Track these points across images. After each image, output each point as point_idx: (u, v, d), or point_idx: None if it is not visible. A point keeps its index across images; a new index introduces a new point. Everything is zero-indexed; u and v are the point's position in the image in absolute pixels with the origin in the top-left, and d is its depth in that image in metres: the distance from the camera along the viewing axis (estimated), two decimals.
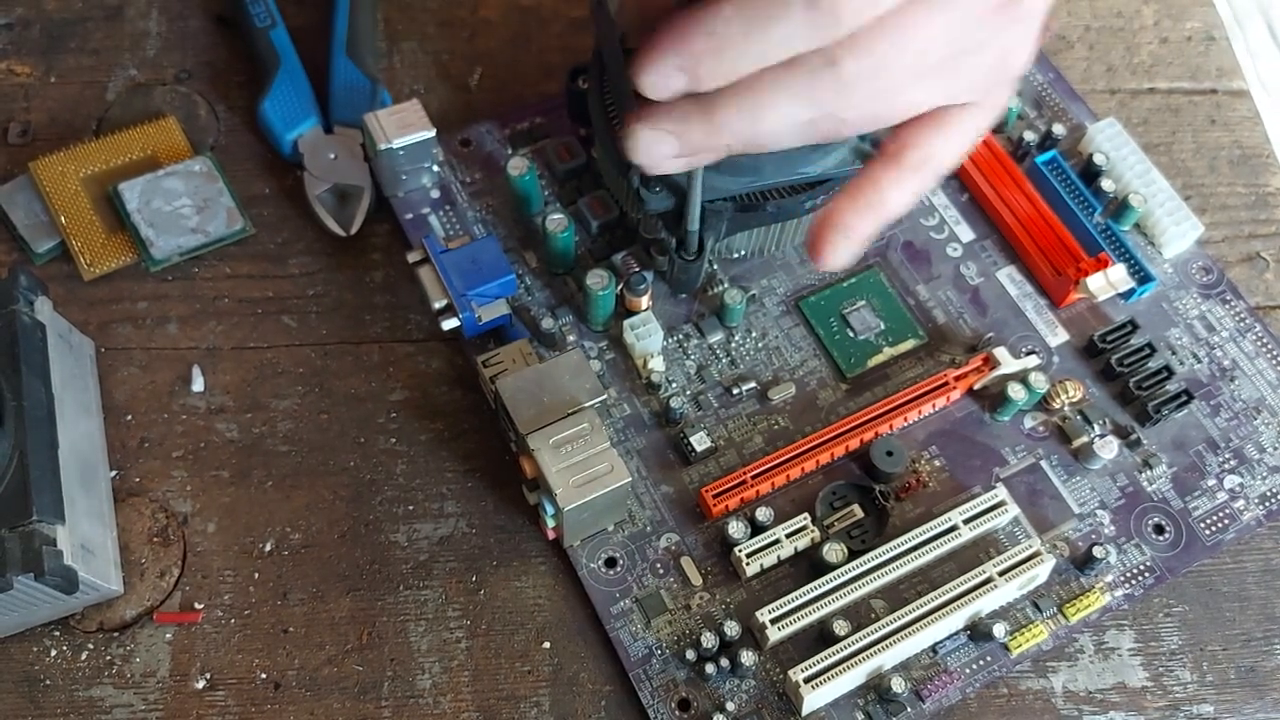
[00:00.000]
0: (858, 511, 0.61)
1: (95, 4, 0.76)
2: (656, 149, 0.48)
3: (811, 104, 0.46)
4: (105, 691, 0.57)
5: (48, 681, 0.58)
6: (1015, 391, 0.62)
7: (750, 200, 0.61)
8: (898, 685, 0.56)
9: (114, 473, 0.62)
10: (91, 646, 0.58)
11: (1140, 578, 0.60)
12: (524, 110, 0.72)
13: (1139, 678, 0.59)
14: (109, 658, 0.58)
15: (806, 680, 0.55)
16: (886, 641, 0.56)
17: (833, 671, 0.55)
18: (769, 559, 0.59)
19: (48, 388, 0.58)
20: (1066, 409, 0.64)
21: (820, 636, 0.58)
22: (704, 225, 0.61)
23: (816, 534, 0.59)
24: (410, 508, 0.62)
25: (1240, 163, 0.73)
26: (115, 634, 0.59)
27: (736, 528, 0.59)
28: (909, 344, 0.66)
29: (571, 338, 0.65)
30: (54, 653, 0.58)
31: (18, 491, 0.54)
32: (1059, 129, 0.70)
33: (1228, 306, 0.67)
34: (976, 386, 0.64)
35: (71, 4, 0.76)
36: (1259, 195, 0.72)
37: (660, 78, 0.46)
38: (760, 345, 0.65)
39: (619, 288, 0.64)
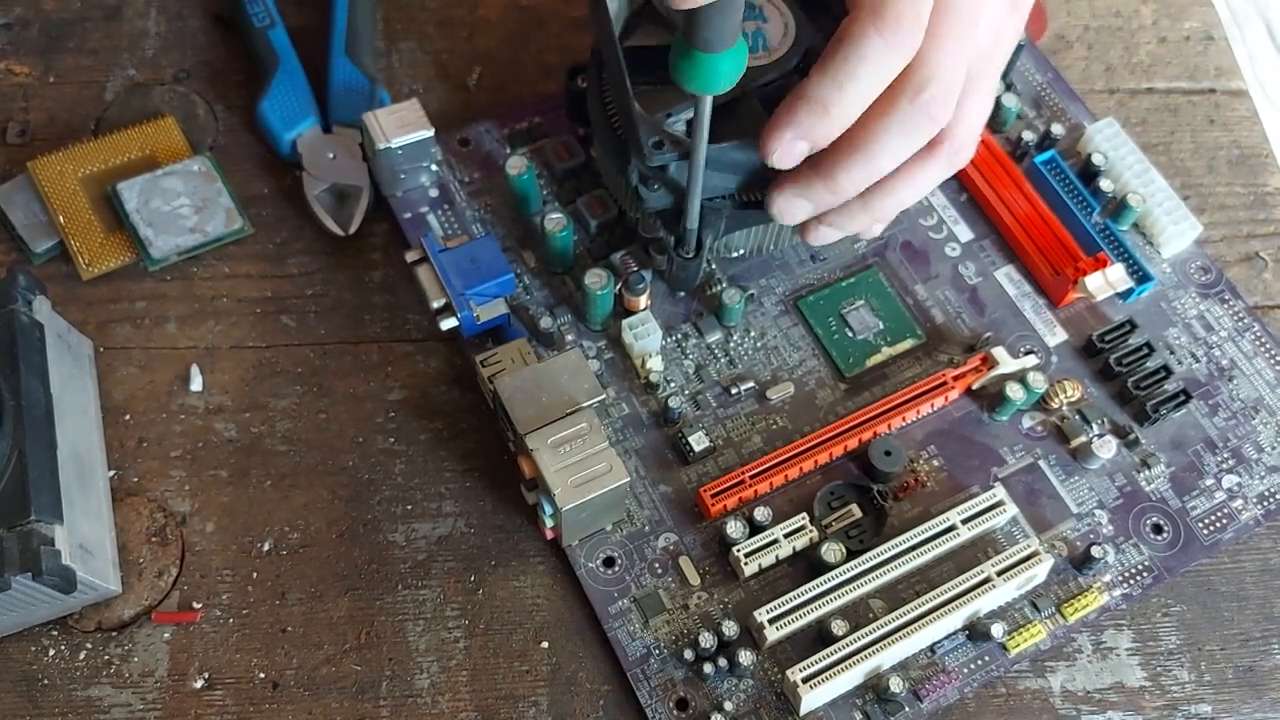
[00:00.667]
0: (856, 511, 0.61)
1: (94, 4, 0.76)
2: (794, 211, 0.60)
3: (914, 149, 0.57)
4: (103, 691, 0.57)
5: (46, 681, 0.58)
6: (1013, 391, 0.62)
7: (749, 198, 0.61)
8: (896, 685, 0.56)
9: (112, 472, 0.62)
10: (90, 646, 0.58)
11: (1138, 577, 0.60)
12: (523, 110, 0.72)
13: (1137, 677, 0.59)
14: (107, 657, 0.58)
15: (805, 680, 0.55)
16: (885, 641, 0.56)
17: (831, 671, 0.55)
18: (767, 559, 0.59)
19: (46, 387, 0.58)
20: (1065, 409, 0.64)
21: (818, 636, 0.58)
22: (703, 223, 0.61)
23: (815, 534, 0.59)
24: (409, 507, 0.62)
25: (1239, 163, 0.73)
26: (113, 633, 0.59)
27: (735, 527, 0.59)
28: (907, 343, 0.66)
29: (570, 337, 0.65)
30: (52, 652, 0.58)
31: (16, 491, 0.54)
32: (1057, 129, 0.70)
33: (1226, 306, 0.67)
34: (975, 386, 0.64)
35: (70, 4, 0.76)
36: (1258, 195, 0.72)
37: (786, 148, 0.56)
38: (759, 345, 0.65)
39: (617, 287, 0.64)
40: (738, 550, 0.59)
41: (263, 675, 0.58)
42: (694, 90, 0.52)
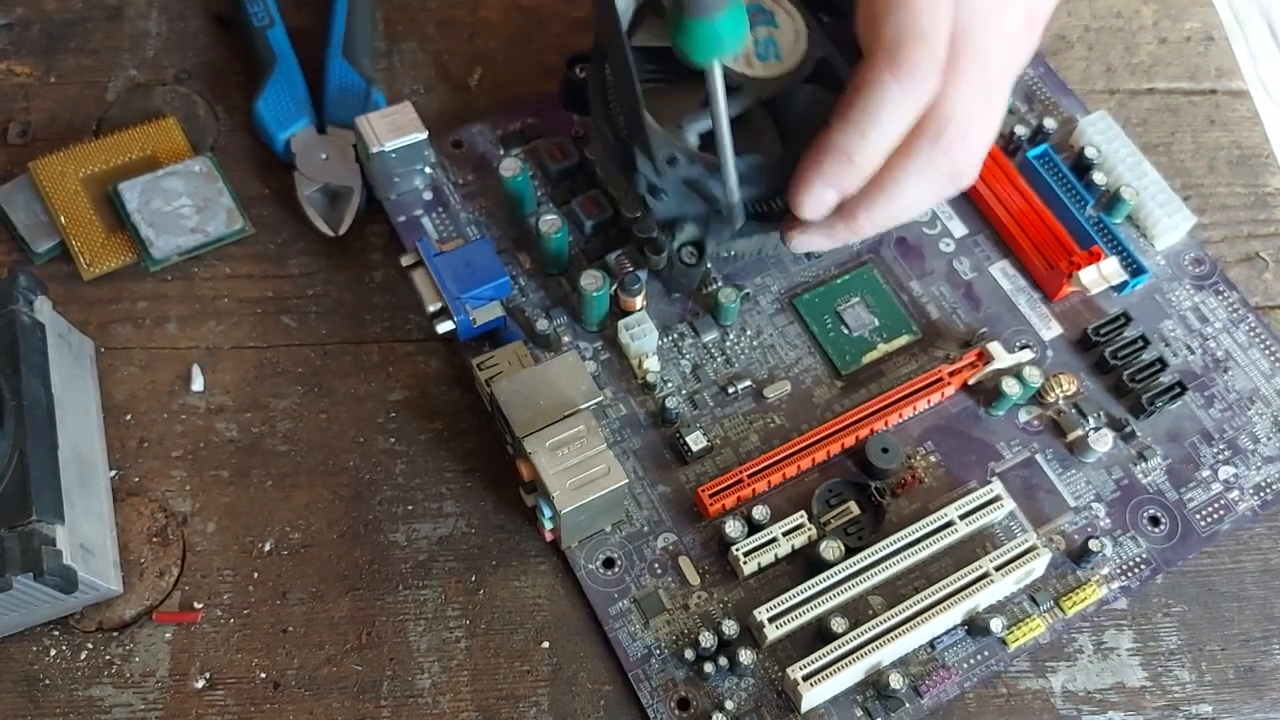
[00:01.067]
0: (854, 508, 0.61)
1: (95, 4, 0.76)
2: (810, 244, 0.60)
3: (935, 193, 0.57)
4: (105, 691, 0.58)
5: (47, 681, 0.58)
6: (1009, 386, 0.62)
7: (760, 209, 0.61)
8: (896, 681, 0.56)
9: (113, 472, 0.62)
10: (91, 646, 0.59)
11: (1136, 570, 0.60)
12: (516, 111, 0.72)
13: (1138, 678, 0.59)
14: (108, 657, 0.58)
15: (805, 678, 0.55)
16: (884, 638, 0.56)
17: (831, 669, 0.55)
18: (766, 557, 0.59)
19: (47, 388, 0.58)
20: (1061, 403, 0.64)
21: (818, 634, 0.58)
22: (708, 231, 0.61)
23: (813, 531, 0.59)
24: (409, 507, 0.62)
25: (1239, 163, 0.73)
26: (115, 633, 0.59)
27: (733, 527, 0.59)
28: (903, 340, 0.66)
29: (566, 339, 0.65)
30: (53, 652, 0.58)
31: (17, 491, 0.54)
32: (1050, 123, 0.71)
33: (1220, 298, 0.67)
34: (971, 381, 0.64)
35: (71, 4, 0.76)
36: (1258, 195, 0.72)
37: (816, 201, 0.56)
38: (755, 343, 0.66)
39: (613, 288, 0.64)
40: (737, 549, 0.59)
41: (264, 675, 0.58)
42: (700, 59, 0.52)
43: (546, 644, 0.59)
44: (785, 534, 0.59)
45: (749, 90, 0.60)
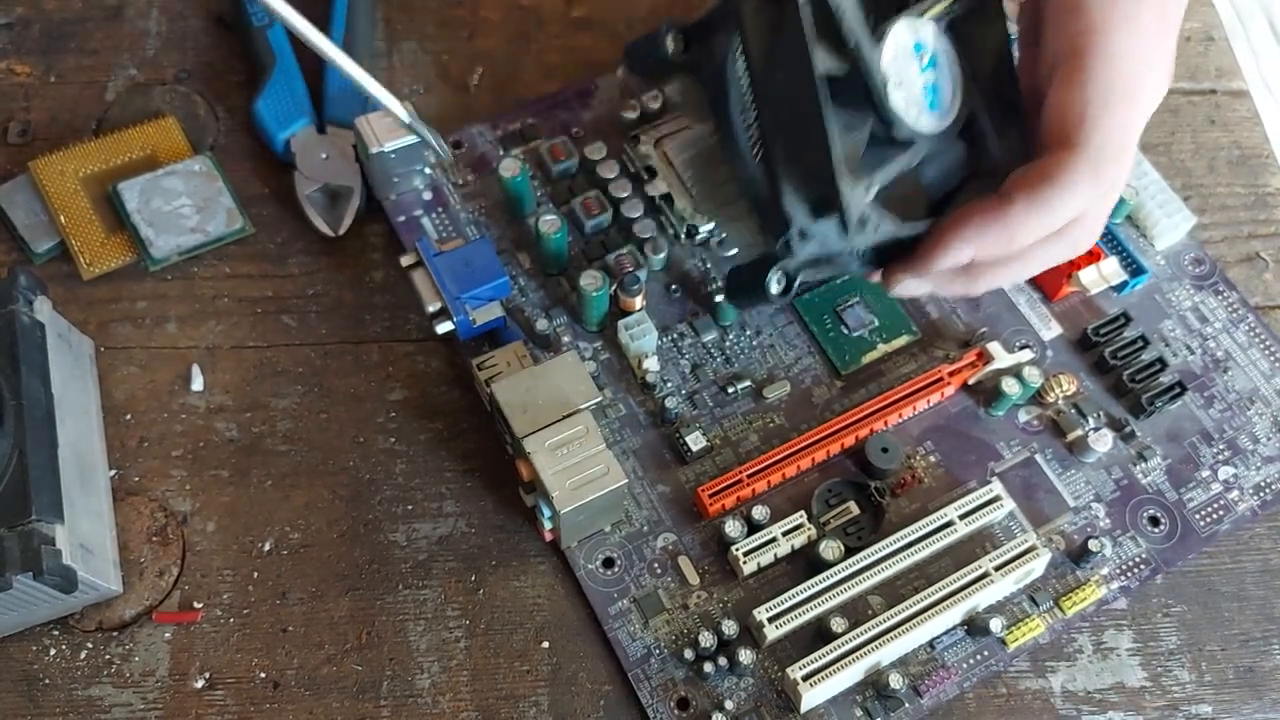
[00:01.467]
0: (854, 508, 0.61)
1: (95, 4, 0.76)
2: (913, 292, 0.58)
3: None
4: (104, 691, 0.58)
5: (47, 681, 0.58)
6: (1009, 386, 0.62)
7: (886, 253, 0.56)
8: (896, 681, 0.56)
9: (113, 472, 0.62)
10: (90, 646, 0.59)
11: (1136, 570, 0.60)
12: (516, 111, 0.72)
13: (1138, 678, 0.59)
14: (108, 657, 0.58)
15: (805, 678, 0.55)
16: (884, 638, 0.56)
17: (831, 669, 0.55)
18: (766, 557, 0.59)
19: (47, 387, 0.58)
20: (1061, 403, 0.64)
21: (818, 634, 0.58)
22: (814, 269, 0.55)
23: (813, 531, 0.59)
24: (409, 507, 0.62)
25: (1239, 163, 0.73)
26: (114, 633, 0.59)
27: (733, 526, 0.59)
28: (903, 340, 0.66)
29: (566, 339, 0.65)
30: (53, 652, 0.58)
31: (17, 491, 0.54)
32: None
33: (1220, 298, 0.67)
34: (970, 381, 0.64)
35: (71, 4, 0.76)
36: (1258, 195, 0.72)
37: (954, 259, 0.54)
38: (755, 343, 0.66)
39: (613, 288, 0.64)
40: (736, 549, 0.59)
41: (264, 675, 0.58)
42: None
43: (546, 644, 0.59)
44: (785, 534, 0.59)
45: (920, 147, 0.54)
